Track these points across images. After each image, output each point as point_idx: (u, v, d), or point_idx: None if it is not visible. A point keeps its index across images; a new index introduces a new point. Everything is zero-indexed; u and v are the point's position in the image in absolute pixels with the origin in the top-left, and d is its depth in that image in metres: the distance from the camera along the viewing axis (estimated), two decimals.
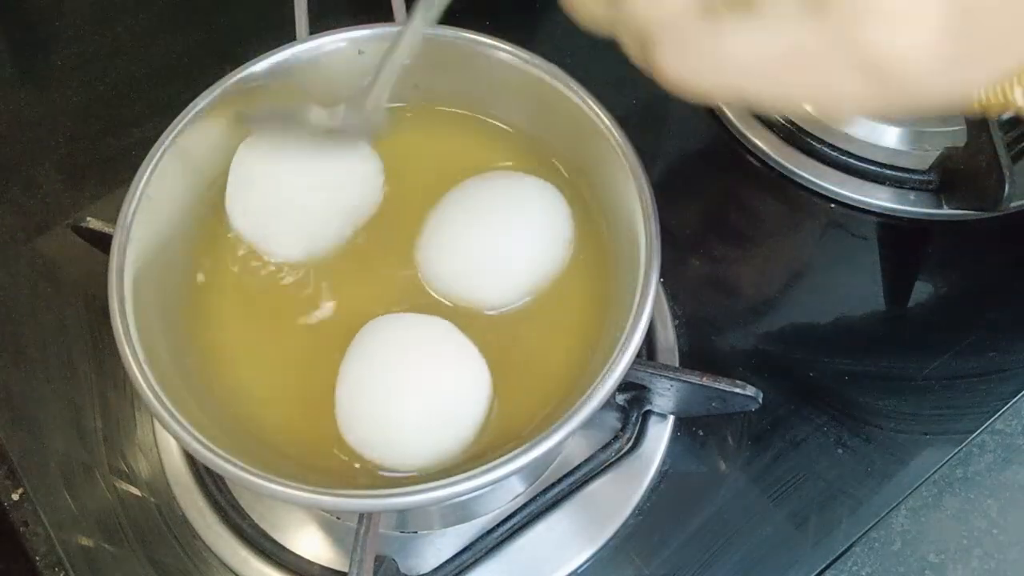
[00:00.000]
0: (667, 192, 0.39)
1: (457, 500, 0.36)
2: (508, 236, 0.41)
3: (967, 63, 0.20)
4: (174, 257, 0.42)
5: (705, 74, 0.22)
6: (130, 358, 0.35)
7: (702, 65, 0.21)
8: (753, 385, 0.42)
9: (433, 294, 0.42)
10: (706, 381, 0.42)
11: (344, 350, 0.39)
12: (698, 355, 0.50)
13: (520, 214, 0.41)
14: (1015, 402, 0.49)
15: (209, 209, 0.44)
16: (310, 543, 0.46)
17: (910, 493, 0.46)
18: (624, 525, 0.46)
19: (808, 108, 0.22)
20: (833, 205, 0.55)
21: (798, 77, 0.21)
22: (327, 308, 0.42)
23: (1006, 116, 0.50)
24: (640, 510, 0.46)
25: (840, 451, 0.48)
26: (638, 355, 0.35)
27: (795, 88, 0.21)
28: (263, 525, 0.46)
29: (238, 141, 0.43)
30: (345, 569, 0.44)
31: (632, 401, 0.48)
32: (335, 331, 0.41)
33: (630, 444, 0.48)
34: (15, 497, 0.48)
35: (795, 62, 0.20)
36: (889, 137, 0.56)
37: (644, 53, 0.23)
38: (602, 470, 0.47)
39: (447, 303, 0.42)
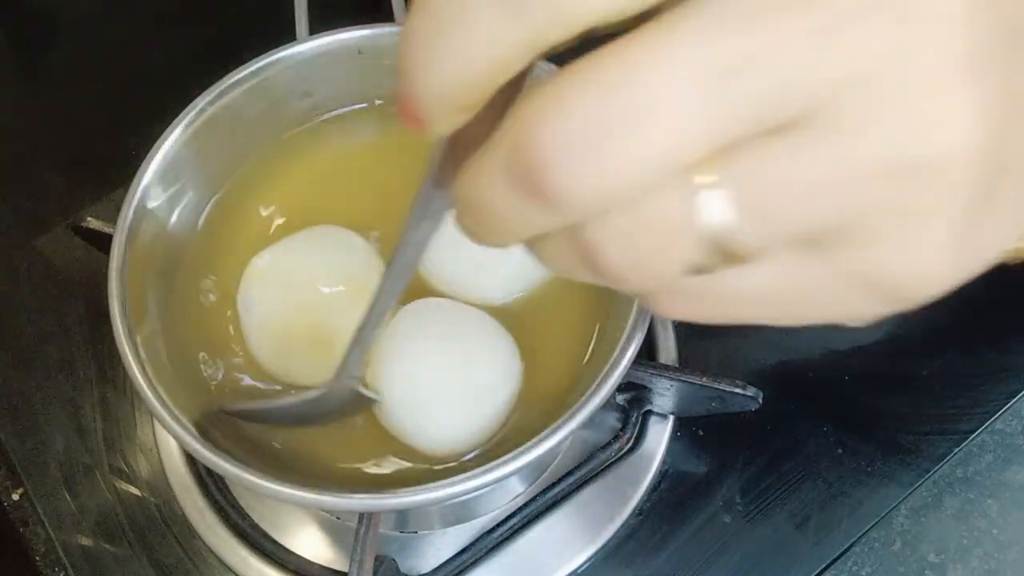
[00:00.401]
0: None
1: (457, 500, 0.36)
2: None
3: (983, 251, 0.19)
4: (175, 257, 0.42)
5: (707, 312, 0.20)
6: (130, 358, 0.35)
7: (702, 307, 0.20)
8: (753, 385, 0.42)
9: (433, 289, 0.42)
10: (706, 381, 0.42)
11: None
12: (698, 355, 0.50)
13: None
14: (1015, 402, 0.49)
15: (211, 208, 0.44)
16: (310, 543, 0.46)
17: (910, 493, 0.46)
18: (624, 525, 0.46)
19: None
20: None
21: (806, 305, 0.20)
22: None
23: None
24: (640, 510, 0.46)
25: (840, 451, 0.47)
26: (638, 355, 0.35)
27: (804, 313, 0.20)
28: (263, 525, 0.46)
29: (238, 141, 0.43)
30: (345, 569, 0.44)
31: (632, 401, 0.48)
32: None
33: (630, 444, 0.48)
34: (15, 497, 0.48)
35: (802, 294, 0.19)
36: None
37: (636, 296, 0.21)
38: (602, 470, 0.47)
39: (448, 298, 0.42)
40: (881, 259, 0.18)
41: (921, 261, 0.18)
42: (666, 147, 0.17)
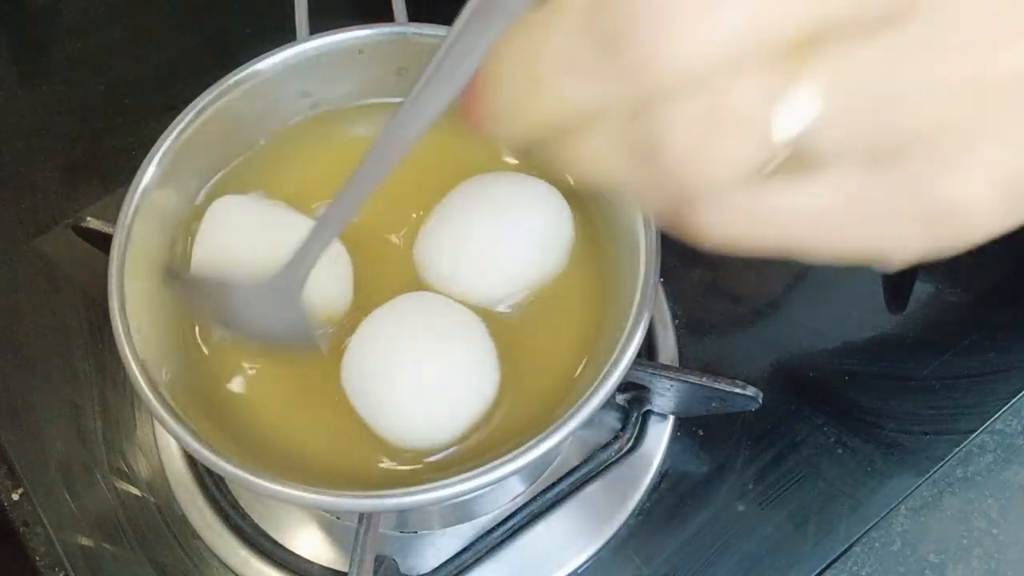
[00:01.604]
0: None
1: (457, 500, 0.36)
2: (510, 237, 0.41)
3: None
4: (175, 257, 0.42)
5: (751, 232, 0.19)
6: (130, 358, 0.35)
7: (749, 225, 0.19)
8: (753, 385, 0.42)
9: (430, 288, 0.42)
10: (706, 381, 0.42)
11: (344, 347, 0.39)
12: (698, 355, 0.50)
13: (522, 215, 0.41)
14: (1015, 402, 0.49)
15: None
16: (310, 543, 0.46)
17: (910, 493, 0.46)
18: (624, 525, 0.46)
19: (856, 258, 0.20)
20: None
21: (854, 230, 0.19)
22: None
23: None
24: (640, 510, 0.46)
25: (840, 451, 0.47)
26: (638, 355, 0.35)
27: (848, 241, 0.19)
28: (263, 525, 0.46)
29: (238, 141, 0.43)
30: (345, 569, 0.44)
31: (632, 401, 0.48)
32: (336, 329, 0.41)
33: (630, 444, 0.48)
34: (15, 497, 0.48)
35: (854, 216, 0.19)
36: None
37: (674, 211, 0.20)
38: (602, 470, 0.47)
39: None
40: (941, 179, 0.18)
41: (978, 185, 0.18)
42: (759, 21, 0.16)
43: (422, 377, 0.37)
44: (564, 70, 0.18)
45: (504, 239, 0.41)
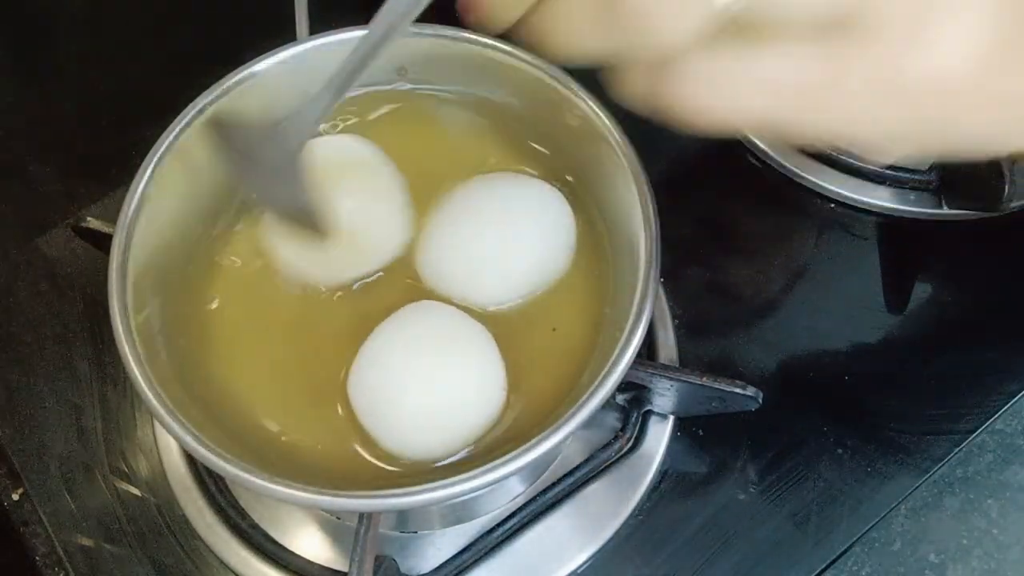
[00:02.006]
0: (667, 192, 0.39)
1: (457, 500, 0.36)
2: (511, 238, 0.41)
3: (1008, 96, 0.19)
4: (175, 257, 0.42)
5: (728, 103, 0.20)
6: (130, 358, 0.35)
7: (726, 93, 0.20)
8: (753, 385, 0.42)
9: (433, 294, 0.42)
10: (706, 381, 0.42)
11: (344, 349, 0.39)
12: (698, 355, 0.50)
13: (523, 216, 0.41)
14: (1015, 402, 0.49)
15: (210, 209, 0.43)
16: (310, 543, 0.46)
17: (910, 493, 0.46)
18: (624, 525, 0.46)
19: (838, 140, 0.20)
20: (833, 205, 0.55)
21: (822, 104, 0.19)
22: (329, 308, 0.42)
23: None
24: (640, 510, 0.46)
25: (840, 451, 0.47)
26: (638, 355, 0.35)
27: (825, 115, 0.20)
28: (263, 525, 0.46)
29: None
30: (345, 569, 0.44)
31: (632, 401, 0.48)
32: (336, 330, 0.41)
33: (630, 444, 0.48)
34: (15, 497, 0.48)
35: (816, 89, 0.19)
36: None
37: (654, 85, 0.21)
38: (602, 470, 0.47)
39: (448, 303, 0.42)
40: (906, 55, 0.18)
41: (947, 57, 0.18)
42: None
43: (430, 400, 0.37)
44: None
45: (506, 241, 0.41)
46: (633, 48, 0.20)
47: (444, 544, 0.46)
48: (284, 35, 0.44)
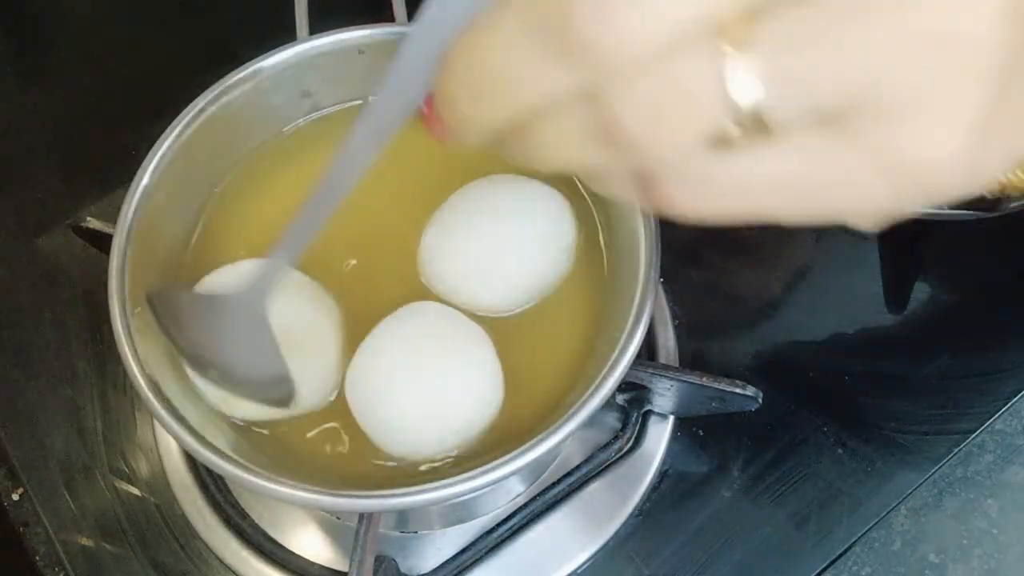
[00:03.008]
0: None
1: (457, 500, 0.36)
2: (512, 241, 0.41)
3: (993, 158, 0.19)
4: (175, 257, 0.42)
5: (717, 203, 0.20)
6: (130, 358, 0.35)
7: (714, 195, 0.20)
8: (753, 385, 0.42)
9: (435, 296, 0.42)
10: (706, 381, 0.42)
11: (346, 349, 0.39)
12: (698, 355, 0.50)
13: (524, 219, 0.41)
14: (1015, 402, 0.49)
15: (211, 209, 0.44)
16: (310, 543, 0.46)
17: (910, 493, 0.46)
18: (624, 525, 0.46)
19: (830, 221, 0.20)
20: None
21: (820, 192, 0.19)
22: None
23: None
24: (640, 510, 0.46)
25: (840, 451, 0.48)
26: (638, 355, 0.35)
27: (816, 203, 0.20)
28: (263, 525, 0.46)
29: (238, 141, 0.43)
30: (345, 569, 0.44)
31: (632, 401, 0.48)
32: (336, 331, 0.41)
33: (630, 444, 0.48)
34: (15, 497, 0.48)
35: (815, 179, 0.19)
36: None
37: (643, 190, 0.20)
38: (602, 470, 0.47)
39: (449, 305, 0.42)
40: (899, 138, 0.18)
41: (937, 144, 0.18)
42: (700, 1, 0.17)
43: (427, 402, 0.37)
44: (512, 67, 0.18)
45: (507, 243, 0.41)
46: (627, 163, 0.20)
47: (444, 544, 0.46)
48: (284, 35, 0.44)
